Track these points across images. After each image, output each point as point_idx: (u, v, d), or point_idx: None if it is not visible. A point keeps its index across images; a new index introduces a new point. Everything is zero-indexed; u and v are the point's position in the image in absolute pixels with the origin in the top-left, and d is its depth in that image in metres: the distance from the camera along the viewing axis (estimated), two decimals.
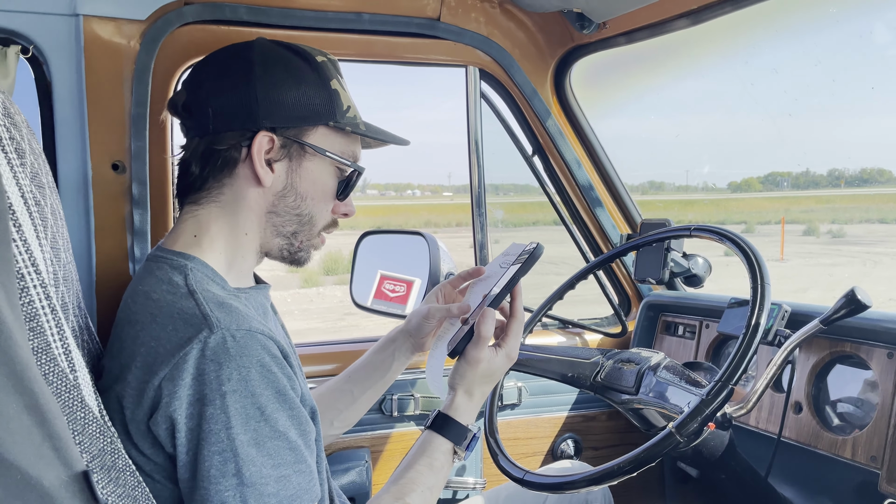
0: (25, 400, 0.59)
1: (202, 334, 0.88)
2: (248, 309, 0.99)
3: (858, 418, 1.42)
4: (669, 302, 1.98)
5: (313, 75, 1.09)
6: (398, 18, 1.69)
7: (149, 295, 0.98)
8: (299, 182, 1.09)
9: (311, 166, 1.10)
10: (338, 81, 1.12)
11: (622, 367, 1.41)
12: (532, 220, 28.49)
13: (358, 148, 1.16)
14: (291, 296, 14.79)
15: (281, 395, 0.90)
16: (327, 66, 1.12)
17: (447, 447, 1.11)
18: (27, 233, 0.74)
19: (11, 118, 0.79)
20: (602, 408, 2.02)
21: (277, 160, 1.07)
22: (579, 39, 1.91)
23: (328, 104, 1.09)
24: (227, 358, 0.87)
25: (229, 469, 0.85)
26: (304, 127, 1.08)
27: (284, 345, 0.97)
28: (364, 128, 1.14)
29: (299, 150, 1.08)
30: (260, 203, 1.08)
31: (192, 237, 1.06)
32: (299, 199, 1.10)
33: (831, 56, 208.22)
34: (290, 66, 1.09)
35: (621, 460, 1.18)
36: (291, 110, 1.06)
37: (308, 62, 1.10)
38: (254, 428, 0.87)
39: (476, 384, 1.14)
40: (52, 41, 1.34)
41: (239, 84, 1.06)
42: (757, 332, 1.18)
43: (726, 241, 1.35)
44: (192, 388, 0.87)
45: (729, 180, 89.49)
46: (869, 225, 31.84)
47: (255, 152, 1.04)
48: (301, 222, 1.11)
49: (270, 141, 1.06)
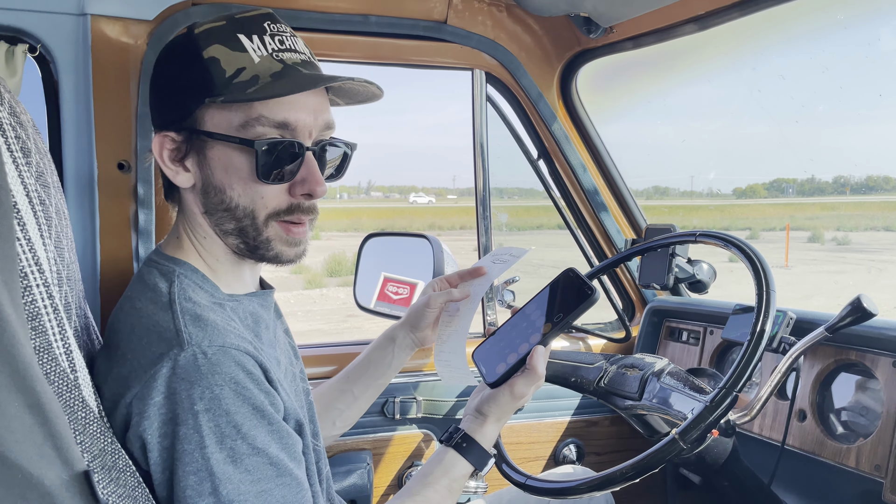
0: (27, 399, 0.59)
1: (173, 352, 0.86)
2: (229, 321, 0.96)
3: (863, 427, 1.42)
4: (674, 308, 1.97)
5: (186, 51, 0.97)
6: (405, 21, 1.69)
7: (133, 302, 0.97)
8: (212, 174, 0.98)
9: (214, 154, 0.97)
10: (222, 46, 0.95)
11: (626, 373, 1.40)
12: (536, 224, 28.48)
13: (274, 110, 0.95)
14: (295, 297, 14.80)
15: (258, 411, 0.88)
16: (208, 33, 0.96)
17: (469, 471, 1.13)
18: (31, 232, 0.74)
19: (17, 117, 0.79)
20: (605, 413, 2.02)
21: (185, 157, 0.99)
22: (586, 44, 1.91)
23: (201, 78, 0.95)
24: (199, 376, 0.85)
25: (205, 488, 0.83)
26: (194, 114, 0.97)
27: (269, 358, 0.95)
28: (258, 88, 0.94)
29: (198, 141, 0.98)
30: (196, 204, 1.02)
31: (176, 240, 1.05)
32: (220, 192, 0.99)
33: (839, 62, 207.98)
34: (175, 51, 0.99)
35: (624, 466, 1.17)
36: (171, 100, 0.98)
37: (187, 37, 0.98)
38: (230, 446, 0.85)
39: (507, 412, 1.15)
40: (59, 40, 1.34)
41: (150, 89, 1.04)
42: (762, 338, 1.17)
43: (731, 247, 1.35)
44: (164, 407, 0.85)
45: (734, 186, 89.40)
46: (874, 233, 31.74)
47: (157, 155, 1.00)
48: (235, 216, 0.99)
49: (171, 140, 0.99)
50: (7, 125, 0.76)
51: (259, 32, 0.98)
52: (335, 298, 14.66)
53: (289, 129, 0.97)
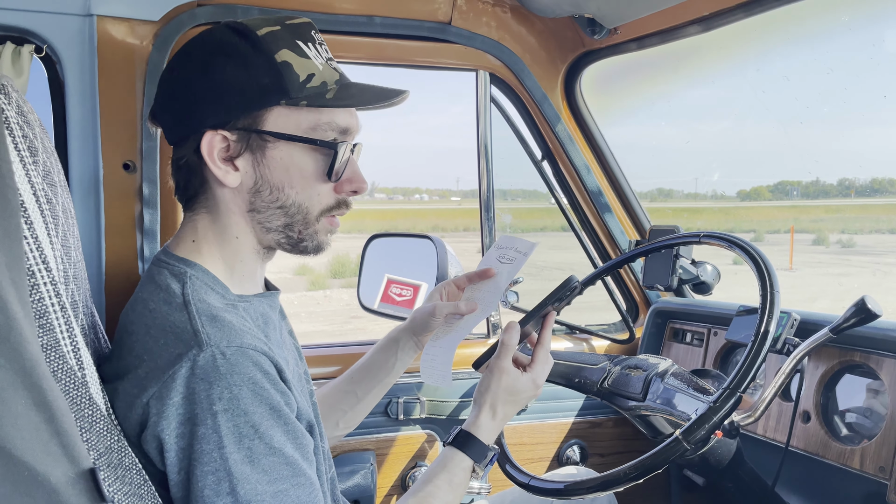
0: (34, 396, 0.60)
1: (192, 352, 0.87)
2: (243, 321, 0.97)
3: (867, 428, 1.41)
4: (677, 309, 1.97)
5: (253, 53, 0.97)
6: (409, 22, 1.70)
7: (146, 304, 0.97)
8: (269, 174, 1.00)
9: (276, 154, 0.99)
10: (290, 51, 0.98)
11: (629, 374, 1.40)
12: (540, 226, 28.46)
13: (340, 116, 1.02)
14: (298, 298, 14.81)
15: (275, 411, 0.89)
16: (273, 36, 0.99)
17: (467, 464, 1.12)
18: (38, 230, 0.75)
19: (24, 117, 0.80)
20: (608, 414, 2.01)
21: (238, 156, 0.99)
22: (590, 45, 1.91)
23: (276, 81, 0.97)
24: (218, 377, 0.86)
25: (223, 488, 0.84)
26: (255, 114, 0.98)
27: (280, 358, 0.95)
28: (333, 95, 1.00)
29: (258, 140, 0.99)
30: (238, 204, 1.02)
31: (191, 242, 1.04)
32: (276, 191, 1.01)
33: (843, 64, 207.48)
34: (227, 50, 0.98)
35: (627, 467, 1.17)
36: (233, 99, 0.97)
37: (247, 39, 0.98)
38: (248, 446, 0.86)
39: (500, 400, 1.15)
40: (65, 41, 1.35)
41: (182, 85, 1.00)
42: (766, 339, 1.17)
43: (736, 248, 1.34)
44: (183, 407, 0.85)
45: (738, 188, 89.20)
46: (879, 235, 31.65)
47: (206, 155, 0.98)
48: (288, 213, 1.02)
49: (223, 139, 0.98)
50: (14, 124, 0.76)
51: (312, 41, 1.03)
52: (339, 300, 14.68)
53: (348, 134, 1.04)
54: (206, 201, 1.04)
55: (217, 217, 1.03)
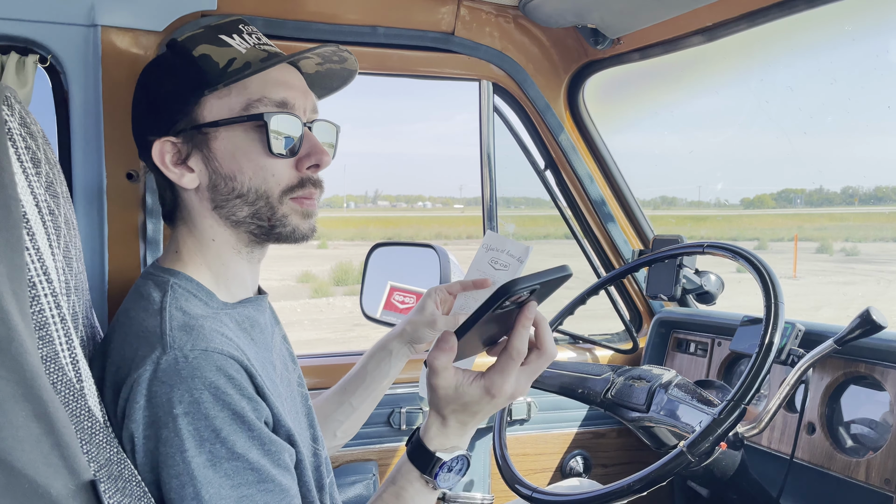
0: (35, 408, 0.60)
1: (155, 354, 0.87)
2: (222, 326, 0.96)
3: (872, 440, 1.40)
4: (681, 319, 1.96)
5: (174, 57, 1.03)
6: (413, 32, 1.70)
7: (127, 312, 0.98)
8: (220, 166, 1.01)
9: (220, 144, 1.01)
10: (208, 45, 1.02)
11: (633, 384, 1.40)
12: (543, 234, 28.45)
13: (272, 90, 1.02)
14: (301, 306, 14.82)
15: (237, 416, 0.87)
16: (192, 39, 1.03)
17: (414, 475, 0.99)
18: (40, 242, 0.75)
19: (28, 128, 0.80)
20: (612, 425, 2.01)
21: (188, 156, 1.02)
22: (593, 55, 1.91)
23: (197, 74, 1.00)
24: (179, 379, 0.85)
25: (188, 493, 0.84)
26: (189, 112, 1.01)
27: (257, 364, 0.94)
28: (253, 65, 1.01)
29: (200, 136, 1.01)
30: (205, 205, 1.04)
31: (174, 253, 1.06)
32: (230, 180, 1.01)
33: (847, 74, 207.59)
34: (157, 63, 1.07)
35: (631, 479, 1.17)
36: (168, 105, 1.02)
37: (172, 48, 1.04)
38: (209, 450, 0.85)
39: (445, 409, 0.98)
40: (69, 51, 1.35)
41: (133, 108, 1.08)
42: (770, 350, 1.17)
43: (739, 258, 1.34)
44: (147, 409, 0.85)
45: (742, 196, 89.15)
46: (883, 244, 31.58)
47: (158, 163, 1.02)
48: (248, 201, 1.02)
49: (172, 145, 1.02)
50: (17, 135, 0.76)
51: (237, 32, 1.05)
52: (342, 307, 14.68)
53: (287, 107, 1.03)
54: (181, 212, 1.07)
55: (192, 224, 1.06)
